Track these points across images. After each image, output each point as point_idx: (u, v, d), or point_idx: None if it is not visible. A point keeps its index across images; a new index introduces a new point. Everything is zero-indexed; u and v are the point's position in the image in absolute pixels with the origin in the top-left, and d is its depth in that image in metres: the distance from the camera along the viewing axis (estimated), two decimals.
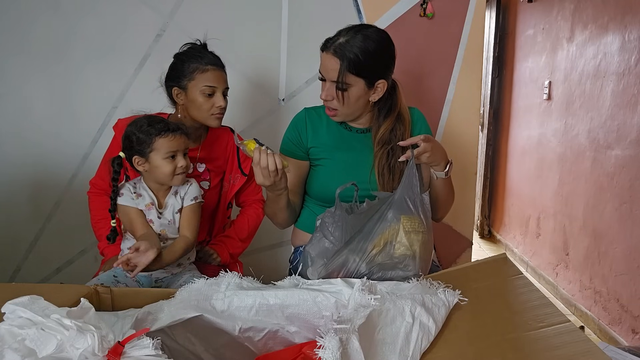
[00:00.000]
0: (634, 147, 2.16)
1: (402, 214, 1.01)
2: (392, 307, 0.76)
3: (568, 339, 0.70)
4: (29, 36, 1.92)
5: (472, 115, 2.04)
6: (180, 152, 1.23)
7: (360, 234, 1.00)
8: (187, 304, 0.81)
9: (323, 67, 1.23)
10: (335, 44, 1.20)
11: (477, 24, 1.95)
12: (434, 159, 1.17)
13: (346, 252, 0.98)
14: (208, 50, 1.39)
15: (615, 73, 2.31)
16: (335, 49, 1.20)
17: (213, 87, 1.34)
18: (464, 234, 2.11)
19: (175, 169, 1.22)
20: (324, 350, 0.63)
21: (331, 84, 1.22)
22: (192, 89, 1.34)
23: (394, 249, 0.98)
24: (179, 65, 1.36)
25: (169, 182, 1.24)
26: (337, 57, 1.19)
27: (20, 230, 2.04)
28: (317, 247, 1.03)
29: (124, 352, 0.60)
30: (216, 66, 1.36)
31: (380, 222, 1.01)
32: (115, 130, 1.42)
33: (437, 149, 1.17)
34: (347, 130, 1.34)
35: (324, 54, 1.22)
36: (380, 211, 1.02)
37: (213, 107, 1.35)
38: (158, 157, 1.20)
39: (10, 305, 0.64)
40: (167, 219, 1.24)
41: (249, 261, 1.61)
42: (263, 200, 1.59)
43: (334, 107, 1.25)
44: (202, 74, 1.33)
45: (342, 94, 1.22)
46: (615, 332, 2.28)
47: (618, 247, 2.27)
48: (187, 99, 1.35)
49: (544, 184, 3.11)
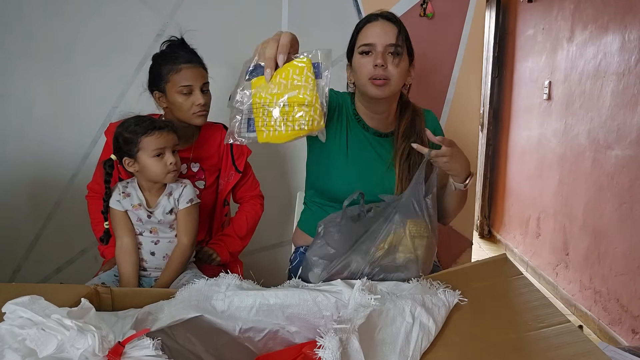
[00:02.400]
0: (634, 147, 2.16)
1: (408, 218, 0.99)
2: (392, 307, 0.76)
3: (568, 339, 0.70)
4: (30, 38, 1.92)
5: (472, 115, 2.04)
6: (169, 149, 1.21)
7: (365, 234, 0.98)
8: (187, 304, 0.81)
9: (374, 34, 1.17)
10: (383, 13, 1.19)
11: (477, 24, 1.95)
12: (452, 167, 1.11)
13: (349, 255, 0.98)
14: (183, 47, 1.36)
15: (615, 73, 2.31)
16: (388, 16, 1.19)
17: (189, 85, 1.31)
18: (464, 234, 2.11)
19: (165, 167, 1.20)
20: (324, 350, 0.63)
21: (385, 49, 1.16)
22: (170, 91, 1.32)
23: (398, 252, 0.97)
24: (156, 68, 1.35)
25: (162, 180, 1.23)
26: (392, 23, 1.18)
27: (20, 230, 2.04)
28: (318, 253, 1.01)
29: (124, 352, 0.60)
30: (190, 63, 1.33)
31: (386, 225, 0.99)
32: (107, 135, 1.41)
33: (458, 157, 1.10)
34: (365, 130, 1.28)
35: (373, 24, 1.19)
36: (387, 214, 1.00)
37: (193, 106, 1.32)
38: (146, 156, 1.19)
39: (11, 305, 0.64)
40: (157, 219, 1.23)
41: (248, 261, 1.61)
42: (262, 196, 1.59)
43: (385, 76, 1.15)
44: (176, 75, 1.31)
45: (399, 59, 1.17)
46: (615, 332, 2.28)
47: (618, 247, 2.27)
48: (168, 101, 1.34)
49: (544, 184, 3.11)
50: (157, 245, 1.24)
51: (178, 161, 1.23)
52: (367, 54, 1.18)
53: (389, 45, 1.16)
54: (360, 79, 1.19)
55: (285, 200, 2.04)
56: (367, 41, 1.17)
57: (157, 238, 1.24)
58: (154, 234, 1.24)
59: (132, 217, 1.23)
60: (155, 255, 1.24)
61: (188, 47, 1.37)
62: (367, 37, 1.18)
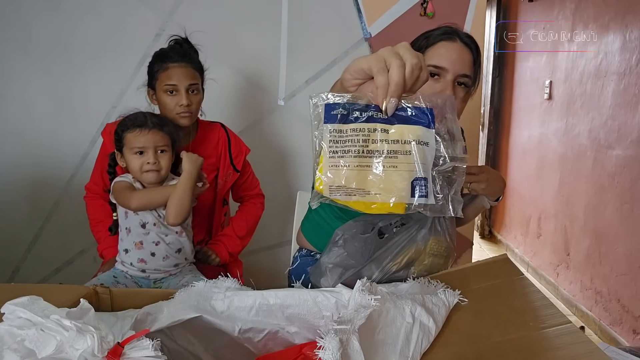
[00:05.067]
0: (635, 147, 2.16)
1: (432, 236, 0.96)
2: (393, 307, 0.76)
3: (569, 340, 0.70)
4: (28, 36, 1.92)
5: (473, 115, 2.04)
6: (150, 149, 1.17)
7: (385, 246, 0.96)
8: (186, 304, 0.80)
9: (449, 58, 1.02)
10: (462, 33, 1.05)
11: (477, 24, 1.95)
12: (490, 191, 1.09)
13: (365, 265, 0.95)
14: (182, 45, 1.35)
15: (616, 73, 2.31)
16: (467, 41, 1.04)
17: (173, 85, 1.29)
18: (464, 234, 2.11)
19: (142, 166, 1.17)
20: (324, 351, 0.62)
21: (456, 78, 1.02)
22: (158, 89, 1.32)
23: (414, 267, 0.95)
24: (151, 65, 1.34)
25: (139, 179, 1.21)
26: (470, 50, 1.04)
27: (19, 230, 2.04)
28: (335, 261, 0.98)
29: (123, 353, 0.60)
30: (178, 63, 1.30)
31: (408, 240, 0.96)
32: (104, 136, 1.41)
33: (494, 180, 1.08)
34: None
35: (450, 44, 1.03)
36: (410, 229, 0.97)
37: (177, 106, 1.30)
38: (128, 152, 1.18)
39: (10, 306, 0.64)
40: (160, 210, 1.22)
41: (248, 261, 1.60)
42: (262, 195, 1.58)
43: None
44: (164, 73, 1.30)
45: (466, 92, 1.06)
46: (616, 332, 2.27)
47: (619, 248, 2.27)
48: (158, 99, 1.33)
49: (544, 184, 3.11)
50: (158, 246, 1.23)
51: (162, 163, 1.19)
52: (433, 77, 1.04)
53: (461, 76, 1.03)
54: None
55: (285, 200, 2.04)
56: (439, 64, 1.02)
57: (158, 239, 1.23)
58: (158, 227, 1.23)
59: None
60: (156, 256, 1.23)
61: (186, 46, 1.36)
62: (440, 58, 1.03)
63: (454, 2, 1.93)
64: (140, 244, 1.23)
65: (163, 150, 1.21)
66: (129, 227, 1.23)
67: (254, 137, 1.94)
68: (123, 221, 1.24)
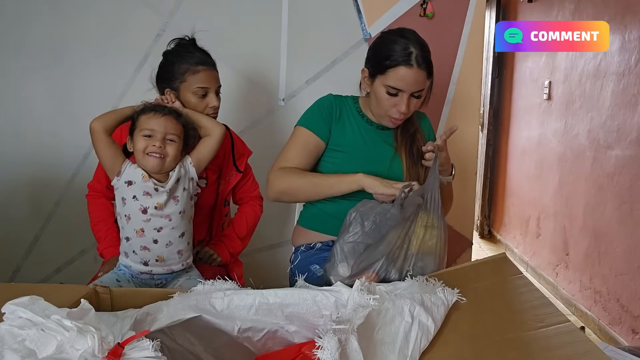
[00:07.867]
0: (634, 147, 2.16)
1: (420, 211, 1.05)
2: (391, 306, 0.76)
3: (568, 339, 0.70)
4: (28, 36, 1.92)
5: (472, 116, 2.04)
6: (159, 134, 1.15)
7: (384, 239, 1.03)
8: (186, 304, 0.81)
9: (407, 82, 1.22)
10: (419, 57, 1.22)
11: (477, 24, 1.95)
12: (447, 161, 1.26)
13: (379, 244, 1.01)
14: (197, 47, 1.37)
15: (615, 73, 2.31)
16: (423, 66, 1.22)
17: (206, 87, 1.32)
18: (464, 233, 2.11)
19: (146, 147, 1.14)
20: (323, 350, 0.63)
21: (411, 94, 1.25)
22: (184, 91, 1.32)
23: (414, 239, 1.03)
24: (169, 65, 1.34)
25: (141, 162, 1.17)
26: (424, 71, 1.23)
27: (20, 230, 2.04)
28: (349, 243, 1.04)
29: (123, 353, 0.60)
30: (207, 65, 1.33)
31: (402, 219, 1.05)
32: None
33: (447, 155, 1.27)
34: (369, 124, 1.37)
35: (408, 70, 1.21)
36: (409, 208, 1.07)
37: (207, 108, 1.33)
38: (137, 134, 1.16)
39: (11, 306, 0.64)
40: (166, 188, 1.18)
41: (248, 261, 1.61)
42: (261, 197, 1.59)
43: (404, 116, 1.29)
44: (194, 76, 1.31)
45: (419, 100, 1.28)
46: (615, 332, 2.28)
47: (618, 247, 2.27)
48: (184, 101, 1.33)
49: (544, 184, 3.11)
50: (160, 232, 1.19)
51: (168, 150, 1.17)
52: (392, 95, 1.25)
53: (415, 91, 1.25)
54: (379, 109, 1.30)
55: None
56: (397, 86, 1.23)
57: (160, 224, 1.19)
58: (159, 209, 1.18)
59: (139, 191, 1.17)
60: (158, 243, 1.19)
61: (200, 47, 1.37)
62: (398, 81, 1.23)
63: (454, 3, 1.94)
64: (142, 232, 1.18)
65: (172, 140, 1.18)
66: (128, 214, 1.18)
67: (254, 137, 1.93)
68: (121, 208, 1.20)
